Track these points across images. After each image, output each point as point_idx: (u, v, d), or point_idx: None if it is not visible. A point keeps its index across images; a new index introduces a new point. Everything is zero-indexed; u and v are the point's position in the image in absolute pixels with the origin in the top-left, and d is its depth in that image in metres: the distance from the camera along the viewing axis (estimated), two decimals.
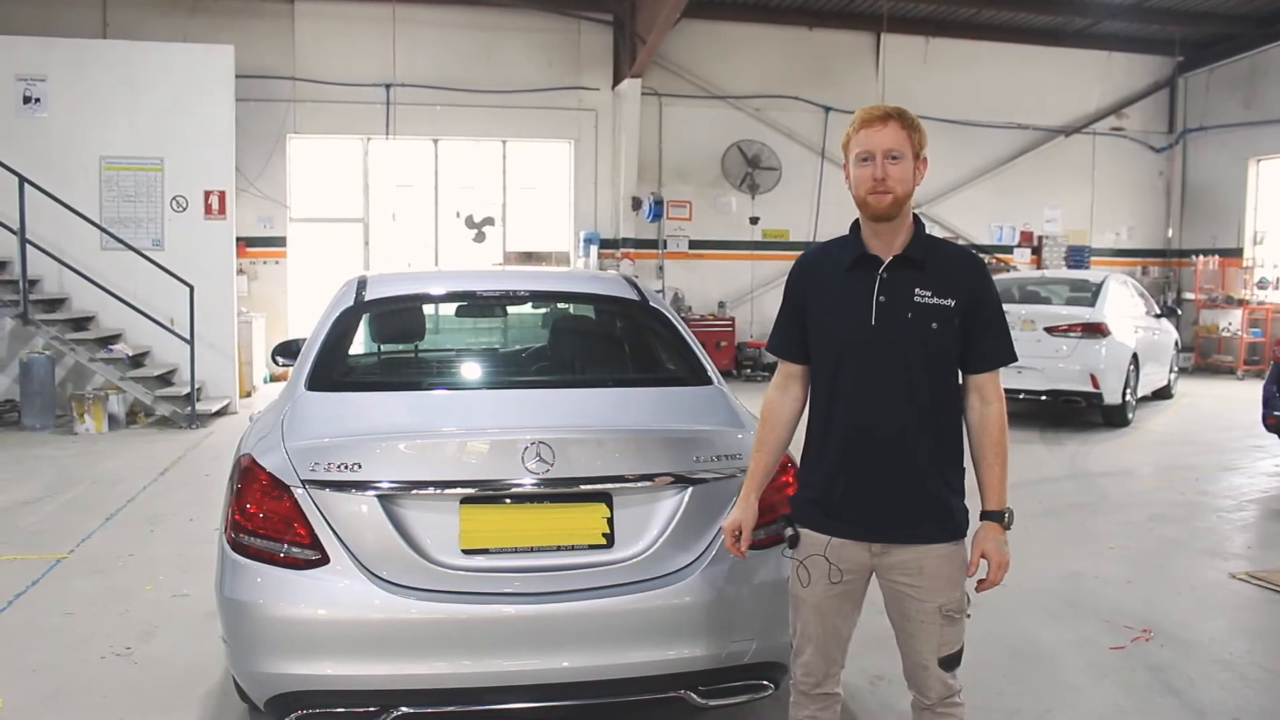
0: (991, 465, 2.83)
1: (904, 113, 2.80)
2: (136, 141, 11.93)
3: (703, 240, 16.77)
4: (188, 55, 12.25)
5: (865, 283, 2.80)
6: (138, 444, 10.15)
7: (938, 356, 2.78)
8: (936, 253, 2.85)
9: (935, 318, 2.75)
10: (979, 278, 2.85)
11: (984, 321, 2.81)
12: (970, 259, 2.90)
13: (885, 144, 2.76)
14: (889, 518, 2.80)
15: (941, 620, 2.82)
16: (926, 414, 2.78)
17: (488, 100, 15.52)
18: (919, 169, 2.81)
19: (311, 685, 3.18)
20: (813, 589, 2.88)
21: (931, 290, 2.76)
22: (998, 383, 2.86)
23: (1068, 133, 18.18)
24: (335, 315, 4.21)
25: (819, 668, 2.94)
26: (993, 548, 2.80)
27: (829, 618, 2.90)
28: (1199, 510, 7.85)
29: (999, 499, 2.82)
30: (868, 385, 2.79)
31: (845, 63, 17.07)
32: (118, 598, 5.53)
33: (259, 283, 14.88)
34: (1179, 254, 18.93)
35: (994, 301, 2.85)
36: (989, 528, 2.81)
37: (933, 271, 2.79)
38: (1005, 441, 2.84)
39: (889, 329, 2.76)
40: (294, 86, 14.86)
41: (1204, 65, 18.17)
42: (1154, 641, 5.01)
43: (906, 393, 2.76)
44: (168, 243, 11.95)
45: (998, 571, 2.81)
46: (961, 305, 2.77)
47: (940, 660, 2.86)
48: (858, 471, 2.81)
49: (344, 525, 3.19)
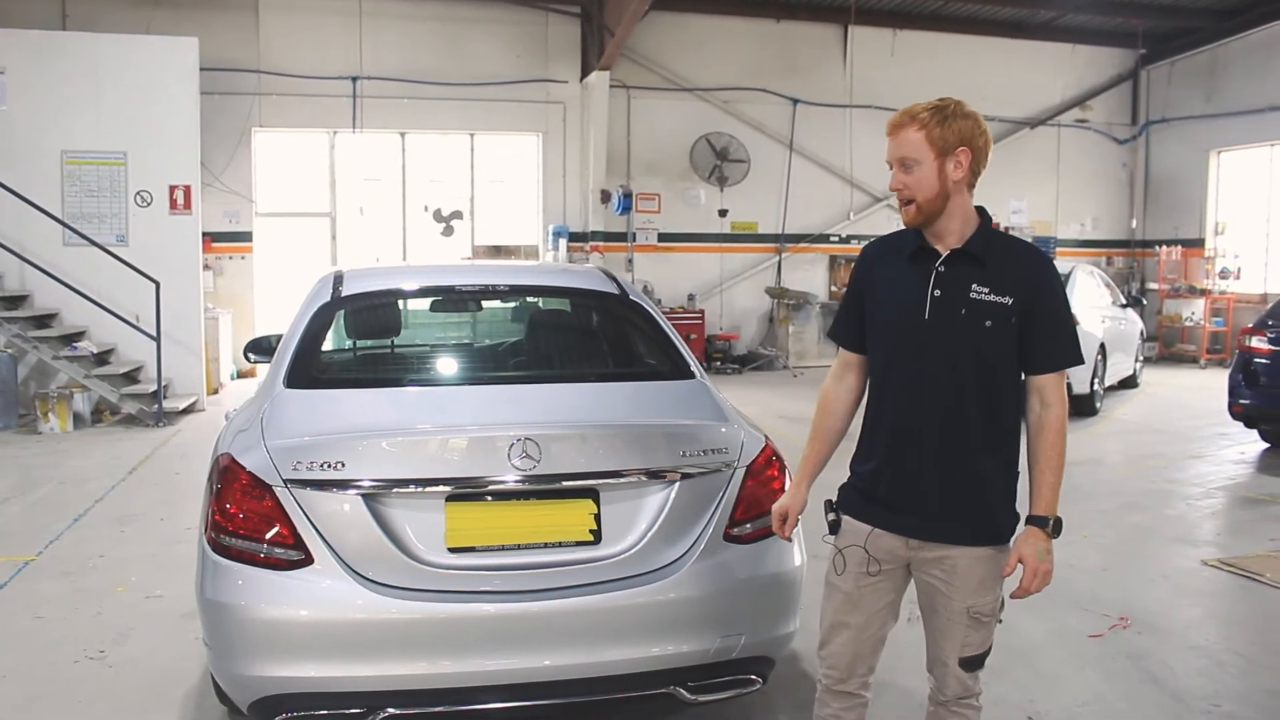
0: (1043, 470, 2.71)
1: (922, 113, 2.70)
2: (99, 135, 11.74)
3: (672, 233, 16.77)
4: (151, 47, 12.07)
5: (922, 276, 2.74)
6: (104, 443, 10.01)
7: (992, 355, 2.70)
8: (999, 249, 2.75)
9: (990, 315, 2.67)
10: (1041, 276, 2.74)
11: (1044, 321, 2.70)
12: (1034, 256, 2.79)
13: (898, 153, 2.73)
14: (930, 515, 2.76)
15: (968, 622, 2.78)
16: (976, 413, 2.71)
17: (455, 93, 15.43)
18: (955, 163, 2.68)
19: (296, 688, 3.13)
20: (846, 577, 2.86)
21: (989, 287, 2.68)
22: (1060, 385, 2.75)
23: (1033, 124, 18.33)
24: (312, 311, 4.14)
25: (844, 661, 2.90)
26: (1031, 553, 2.68)
27: (861, 609, 2.86)
28: (1169, 498, 7.93)
29: (1048, 505, 2.71)
30: (918, 380, 2.75)
31: (813, 55, 17.12)
32: (90, 600, 5.45)
33: (225, 278, 14.71)
34: (1143, 244, 19.14)
35: (1057, 300, 2.75)
36: (1031, 533, 2.70)
37: (993, 268, 2.70)
38: (1062, 446, 2.73)
39: (942, 324, 2.70)
40: (259, 80, 14.68)
41: (1166, 58, 18.37)
42: (1131, 629, 5.05)
43: (956, 390, 2.71)
44: (132, 238, 11.77)
45: (1032, 579, 2.68)
46: (1020, 304, 2.67)
47: (961, 660, 2.81)
48: (902, 466, 2.77)
49: (327, 525, 3.15)
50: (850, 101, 17.20)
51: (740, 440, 3.50)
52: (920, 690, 4.25)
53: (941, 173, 2.69)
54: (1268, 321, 9.47)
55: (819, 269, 17.54)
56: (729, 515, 3.39)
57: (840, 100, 17.16)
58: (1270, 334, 9.28)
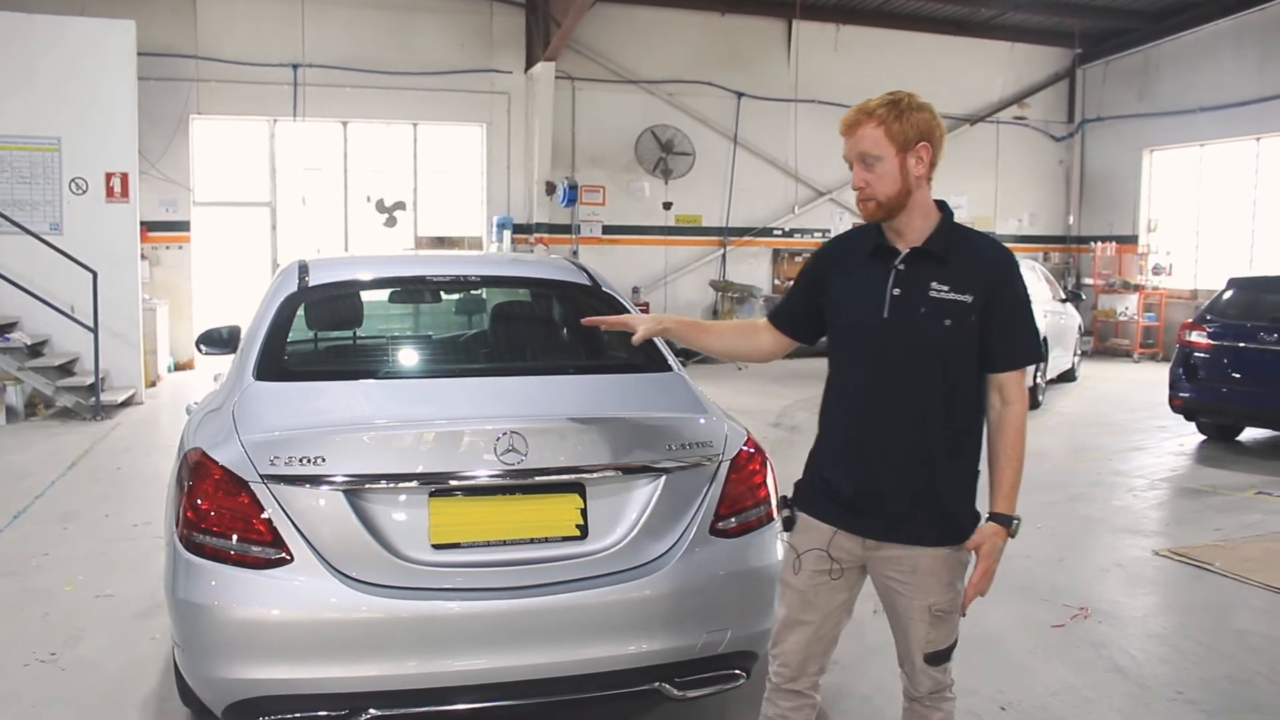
0: (1004, 468, 2.70)
1: (877, 109, 2.66)
2: (31, 120, 11.32)
3: (616, 225, 16.72)
4: (86, 30, 11.66)
5: (881, 274, 2.70)
6: (40, 437, 9.70)
7: (952, 354, 2.66)
8: (960, 245, 2.70)
9: (950, 314, 2.63)
10: (1003, 273, 2.70)
11: (1005, 319, 2.67)
12: (997, 253, 2.75)
13: (857, 149, 2.68)
14: (890, 516, 2.72)
15: (929, 619, 2.75)
16: (936, 412, 2.67)
17: (398, 82, 15.22)
18: (917, 158, 2.65)
19: (274, 690, 3.05)
20: (802, 576, 2.82)
21: (949, 285, 2.64)
22: (1020, 382, 2.73)
23: (973, 121, 18.58)
24: (278, 302, 4.02)
25: (796, 660, 2.87)
26: (990, 550, 2.68)
27: (815, 608, 2.83)
28: (1114, 489, 8.08)
29: (1008, 502, 2.70)
30: (877, 379, 2.71)
31: (757, 49, 17.17)
32: (36, 600, 5.26)
33: (162, 269, 14.35)
34: (1079, 240, 19.51)
35: (1018, 298, 2.72)
36: (995, 530, 2.69)
37: (954, 265, 2.66)
38: (1022, 444, 2.71)
39: (901, 323, 2.66)
40: (197, 65, 14.35)
41: (1101, 58, 18.74)
42: (1092, 619, 5.13)
43: (916, 390, 2.67)
44: (67, 227, 11.39)
45: (983, 579, 2.70)
46: (980, 301, 2.64)
47: (926, 656, 2.79)
48: (862, 467, 2.74)
49: (307, 521, 3.06)
50: (795, 96, 17.27)
51: (724, 434, 3.48)
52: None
53: (903, 168, 2.65)
54: (1207, 317, 9.69)
55: (763, 262, 17.62)
56: (714, 509, 3.36)
57: (785, 94, 17.22)
58: (1209, 329, 9.50)
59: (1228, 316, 9.51)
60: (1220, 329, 9.44)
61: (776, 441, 9.67)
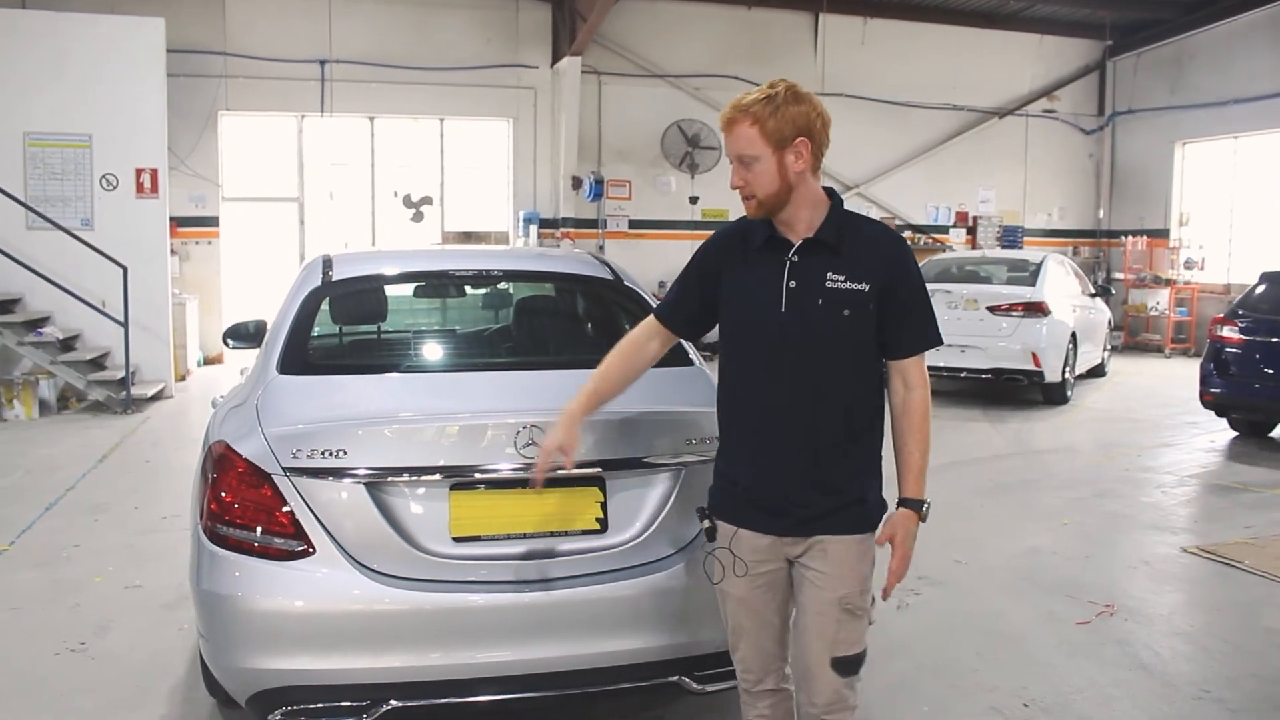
0: (911, 452, 2.68)
1: (751, 106, 2.60)
2: (63, 117, 11.47)
3: (643, 220, 16.73)
4: (116, 28, 11.80)
5: (775, 268, 2.65)
6: (72, 430, 9.82)
7: (852, 344, 2.64)
8: (853, 234, 2.66)
9: (848, 304, 2.60)
10: (898, 258, 2.67)
11: (903, 305, 2.65)
12: (889, 239, 2.73)
13: (734, 149, 2.64)
14: (799, 510, 2.67)
15: (840, 613, 2.67)
16: (839, 402, 2.65)
17: (425, 78, 15.29)
18: (795, 154, 2.58)
19: (297, 680, 3.07)
20: (728, 582, 2.79)
21: (845, 274, 2.61)
22: (922, 367, 2.70)
23: (1002, 114, 18.45)
24: (303, 296, 4.05)
25: (755, 662, 2.83)
26: (903, 536, 2.67)
27: (754, 610, 2.78)
28: (1143, 485, 8.01)
29: (917, 487, 2.68)
30: (777, 373, 2.66)
31: (784, 43, 17.12)
32: (66, 591, 5.33)
33: (191, 264, 14.50)
34: (1109, 234, 19.34)
35: (915, 283, 2.69)
36: (905, 515, 2.68)
37: (848, 254, 2.62)
38: (927, 428, 2.69)
39: (799, 316, 2.62)
40: (225, 62, 14.47)
41: (1132, 49, 18.54)
42: (1117, 616, 5.09)
43: (817, 381, 2.63)
44: (98, 222, 11.53)
45: (901, 563, 2.68)
46: (877, 289, 2.61)
47: (834, 661, 2.68)
48: (768, 463, 2.69)
49: (329, 514, 3.08)
50: (821, 89, 17.17)
51: None
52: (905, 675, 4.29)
53: (781, 166, 2.59)
54: (1238, 311, 9.58)
55: None
56: None
57: (812, 88, 16.86)
58: (1241, 324, 9.39)
59: (1260, 311, 9.39)
60: (1252, 324, 9.32)
61: None
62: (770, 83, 2.65)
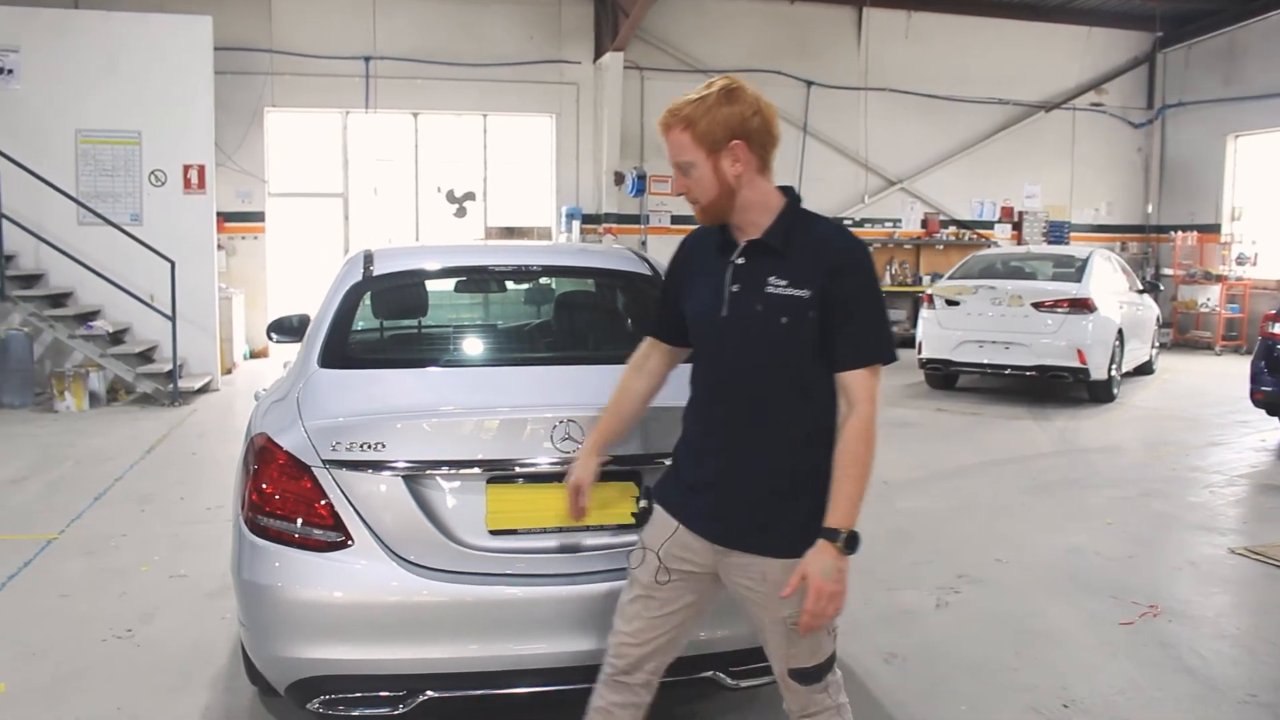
0: (839, 478, 2.46)
1: (683, 110, 2.52)
2: (113, 114, 11.68)
3: (685, 215, 16.64)
4: (165, 26, 11.99)
5: (723, 270, 2.59)
6: (120, 422, 9.99)
7: (792, 353, 2.51)
8: (802, 237, 2.54)
9: (786, 310, 2.48)
10: (845, 263, 2.51)
11: (845, 314, 2.48)
12: (839, 243, 2.56)
13: (671, 156, 2.58)
14: (734, 522, 2.59)
15: (787, 630, 2.57)
16: (782, 414, 2.54)
17: (468, 74, 15.35)
18: (731, 158, 2.50)
19: (335, 670, 3.10)
20: (645, 570, 2.75)
21: (787, 279, 2.49)
22: (868, 383, 2.49)
23: (1048, 108, 18.22)
24: (344, 290, 4.09)
25: (632, 653, 2.77)
26: (815, 570, 2.42)
27: (657, 604, 2.73)
28: (1191, 485, 7.89)
29: (842, 516, 2.44)
30: (722, 380, 2.62)
31: (827, 37, 17.01)
32: (113, 579, 5.43)
33: (237, 258, 14.69)
34: (1158, 230, 19.05)
35: (861, 291, 2.51)
36: (820, 548, 2.44)
37: (794, 258, 2.51)
38: (863, 453, 2.46)
39: (739, 321, 2.54)
40: (271, 59, 14.63)
41: (1184, 41, 18.23)
42: (1161, 617, 5.01)
43: (758, 391, 2.55)
44: (146, 218, 11.72)
45: (816, 600, 2.41)
46: (820, 296, 2.47)
47: (790, 673, 2.64)
48: (710, 469, 2.64)
49: (367, 506, 3.11)
50: (865, 84, 17.11)
51: None
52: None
53: (718, 171, 2.51)
54: None
55: None
56: None
57: (855, 83, 17.06)
58: None
59: None
60: None
61: None
62: (708, 82, 2.56)
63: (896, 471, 8.05)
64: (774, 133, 2.56)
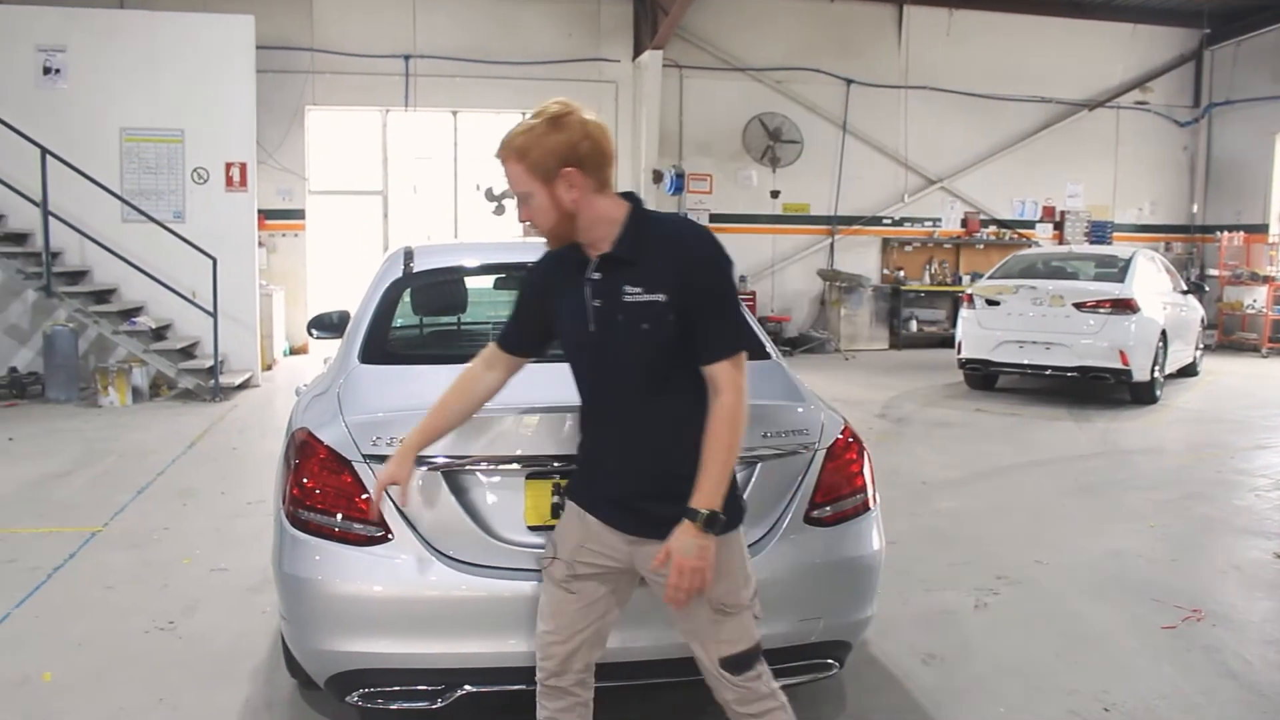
0: (704, 461, 2.53)
1: (513, 143, 2.57)
2: (157, 113, 11.85)
3: (724, 214, 16.67)
4: (208, 26, 12.13)
5: (582, 287, 2.64)
6: (162, 417, 10.12)
7: (658, 356, 2.57)
8: (650, 242, 2.57)
9: (645, 317, 2.53)
10: (695, 264, 2.55)
11: (700, 311, 2.53)
12: (689, 239, 2.60)
13: (511, 188, 2.63)
14: (635, 514, 2.66)
15: (713, 615, 2.65)
16: (661, 414, 2.61)
17: (507, 72, 15.40)
18: (566, 185, 2.53)
19: (374, 663, 3.13)
20: (558, 568, 2.80)
21: (642, 286, 2.53)
22: (730, 372, 2.55)
23: (1091, 106, 18.03)
24: (384, 287, 4.13)
25: (559, 650, 2.83)
26: (676, 548, 2.52)
27: (573, 600, 2.79)
28: (1235, 488, 7.76)
29: (704, 497, 2.52)
30: (601, 390, 2.69)
31: (867, 35, 16.93)
32: (156, 571, 5.50)
33: (278, 255, 14.85)
34: (1203, 230, 18.79)
35: (713, 288, 2.56)
36: (682, 527, 2.53)
37: (646, 264, 2.55)
38: (729, 436, 2.53)
39: (605, 334, 2.60)
40: (312, 58, 14.77)
41: (1231, 38, 17.98)
42: (1205, 621, 4.94)
43: (635, 396, 2.61)
44: (189, 215, 11.87)
45: (678, 575, 2.52)
46: (675, 298, 2.52)
47: (722, 661, 2.68)
48: (604, 471, 2.72)
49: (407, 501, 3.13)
50: (905, 82, 17.01)
51: (820, 422, 3.44)
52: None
53: (554, 199, 2.55)
54: None
55: (872, 251, 17.39)
56: (809, 498, 3.34)
57: (895, 81, 16.96)
58: None
59: None
60: None
61: (882, 433, 9.56)
62: (537, 110, 2.58)
63: (935, 471, 7.99)
64: (607, 153, 2.58)
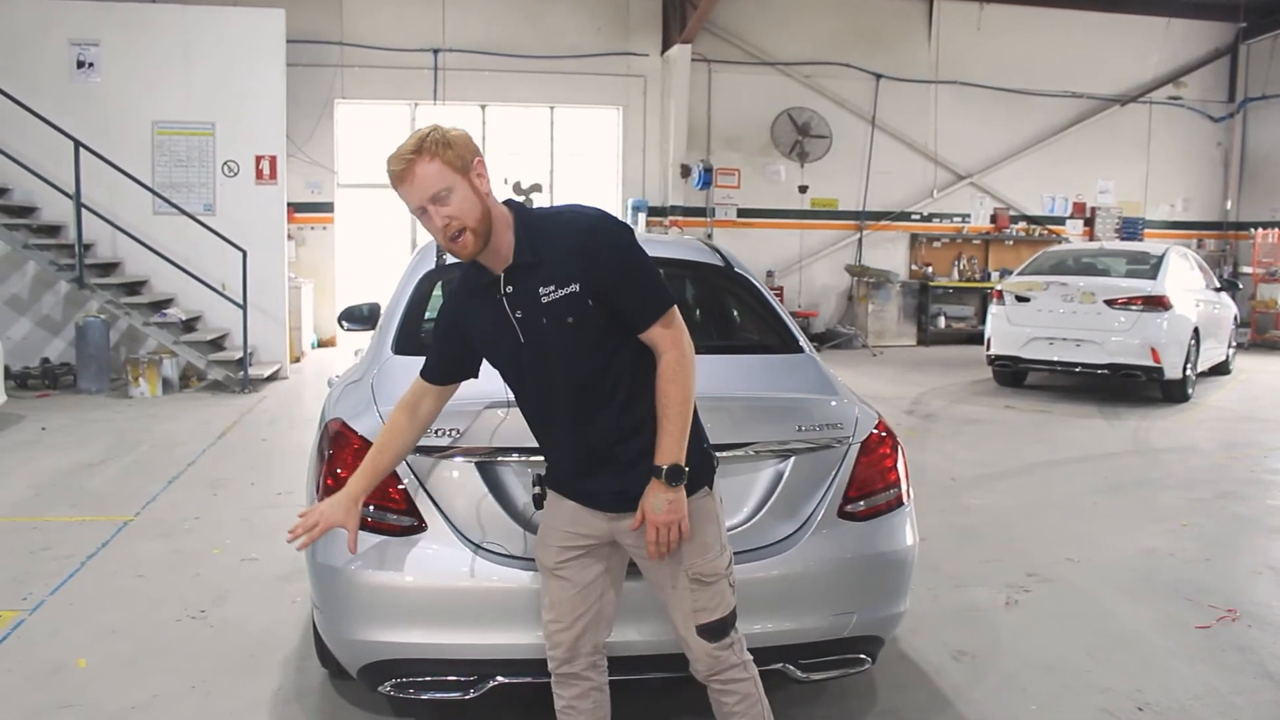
0: (661, 420, 2.62)
1: (423, 144, 2.58)
2: (189, 106, 11.93)
3: (751, 209, 16.63)
4: (239, 19, 12.20)
5: (499, 304, 2.67)
6: (192, 408, 10.19)
7: (593, 343, 2.62)
8: (544, 239, 2.62)
9: (567, 311, 2.59)
10: (593, 245, 2.60)
11: (614, 286, 2.59)
12: (577, 228, 2.63)
13: (426, 192, 2.57)
14: (610, 494, 2.72)
15: (689, 583, 2.73)
16: (613, 398, 2.66)
17: (536, 66, 15.42)
18: (478, 174, 2.60)
19: (406, 654, 3.14)
20: (549, 554, 2.85)
21: (553, 284, 2.59)
22: (667, 332, 2.63)
23: (1123, 102, 17.86)
24: (417, 278, 4.13)
25: (564, 637, 2.85)
26: (648, 505, 2.62)
27: (569, 584, 2.83)
28: (1270, 488, 7.67)
29: (665, 453, 2.60)
30: (547, 395, 2.72)
31: (897, 29, 16.83)
32: (187, 561, 5.54)
33: (307, 248, 14.92)
34: (1236, 226, 18.58)
35: (620, 260, 2.61)
36: (651, 485, 2.62)
37: (549, 262, 2.60)
38: (679, 392, 2.61)
39: (538, 340, 2.64)
40: (342, 51, 14.83)
41: (1268, 32, 17.74)
42: (1240, 622, 4.88)
43: (581, 390, 2.66)
44: (219, 208, 11.96)
45: (654, 531, 2.62)
46: (586, 284, 2.57)
47: (699, 629, 2.75)
48: (573, 460, 2.75)
49: (440, 492, 3.14)
50: (935, 77, 16.90)
51: (854, 416, 3.42)
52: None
53: (475, 190, 2.58)
54: None
55: (900, 247, 17.30)
56: (843, 492, 3.32)
57: (925, 76, 16.86)
58: None
59: None
60: None
61: (910, 429, 9.51)
62: (416, 131, 2.66)
63: (964, 469, 7.94)
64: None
